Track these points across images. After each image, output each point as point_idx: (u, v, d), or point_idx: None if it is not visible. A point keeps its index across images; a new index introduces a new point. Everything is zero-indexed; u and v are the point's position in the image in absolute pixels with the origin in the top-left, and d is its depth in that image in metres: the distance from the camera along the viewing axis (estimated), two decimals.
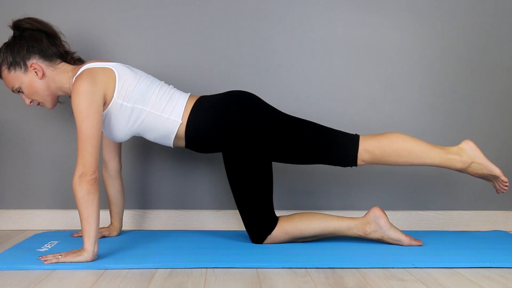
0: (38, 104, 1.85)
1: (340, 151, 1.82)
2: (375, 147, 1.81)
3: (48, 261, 1.61)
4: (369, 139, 1.83)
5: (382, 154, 1.81)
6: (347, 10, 2.19)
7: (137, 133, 1.84)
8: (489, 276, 1.55)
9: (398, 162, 1.83)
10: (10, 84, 1.81)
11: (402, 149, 1.81)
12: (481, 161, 1.82)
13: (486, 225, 2.23)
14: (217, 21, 2.16)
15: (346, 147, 1.82)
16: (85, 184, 1.62)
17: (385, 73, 2.21)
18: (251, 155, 1.80)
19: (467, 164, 1.82)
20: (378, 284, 1.47)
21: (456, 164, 1.83)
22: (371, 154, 1.82)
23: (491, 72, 2.23)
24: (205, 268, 1.60)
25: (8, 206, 2.17)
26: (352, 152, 1.82)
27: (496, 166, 1.83)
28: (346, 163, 1.85)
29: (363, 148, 1.82)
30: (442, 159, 1.82)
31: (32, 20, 1.81)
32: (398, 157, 1.81)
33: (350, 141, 1.83)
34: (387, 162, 1.83)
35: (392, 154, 1.81)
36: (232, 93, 1.88)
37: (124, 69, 1.80)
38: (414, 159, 1.82)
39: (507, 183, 1.84)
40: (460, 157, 1.82)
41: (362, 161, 1.83)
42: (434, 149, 1.82)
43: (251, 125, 1.79)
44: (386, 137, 1.83)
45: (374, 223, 1.83)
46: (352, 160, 1.83)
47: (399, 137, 1.83)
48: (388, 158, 1.82)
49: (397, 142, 1.81)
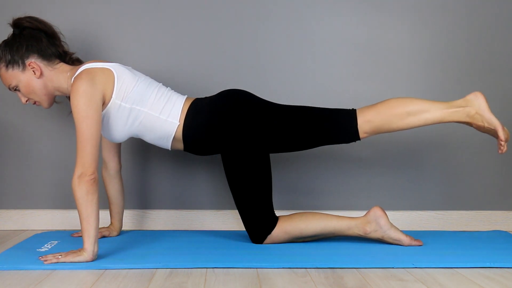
0: (34, 103, 1.85)
1: (340, 127, 1.80)
2: (374, 115, 1.78)
3: (48, 261, 1.61)
4: (366, 110, 1.81)
5: (383, 120, 1.78)
6: (347, 10, 2.19)
7: (135, 134, 1.84)
8: (489, 276, 1.55)
9: (400, 126, 1.79)
10: (7, 82, 1.81)
11: (402, 111, 1.77)
12: (482, 112, 1.76)
13: (486, 225, 2.23)
14: (216, 22, 2.16)
15: (345, 122, 1.80)
16: (84, 184, 1.62)
17: (385, 73, 2.21)
18: (250, 151, 1.80)
19: (471, 114, 1.77)
20: (378, 284, 1.47)
21: (460, 116, 1.78)
22: (371, 124, 1.79)
23: (492, 71, 2.23)
24: (205, 268, 1.60)
25: (8, 206, 2.17)
26: (352, 125, 1.79)
27: (497, 121, 1.75)
28: (348, 139, 1.83)
29: (362, 120, 1.79)
30: (445, 113, 1.77)
31: (32, 19, 1.81)
32: (400, 120, 1.78)
33: (347, 116, 1.81)
34: (390, 129, 1.80)
35: (392, 119, 1.78)
36: (224, 92, 1.88)
37: (123, 70, 1.80)
38: (416, 119, 1.78)
39: (503, 141, 1.76)
40: (463, 108, 1.77)
41: (364, 133, 1.81)
42: (436, 104, 1.78)
43: (246, 119, 1.80)
44: (383, 103, 1.80)
45: (374, 222, 1.83)
46: (354, 134, 1.81)
47: (397, 100, 1.80)
48: (389, 124, 1.78)
49: (395, 105, 1.78)
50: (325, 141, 1.84)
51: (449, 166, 2.23)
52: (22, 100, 1.84)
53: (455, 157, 2.23)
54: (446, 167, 2.23)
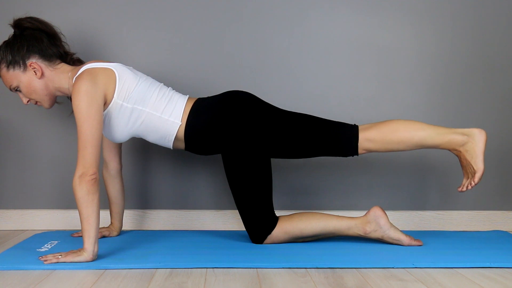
0: (35, 104, 1.85)
1: (341, 141, 1.82)
2: (375, 135, 1.80)
3: (48, 261, 1.61)
4: (369, 128, 1.82)
5: (383, 142, 1.80)
6: (347, 10, 2.19)
7: (137, 134, 1.84)
8: (489, 276, 1.55)
9: (399, 149, 1.81)
10: (8, 82, 1.81)
11: (404, 136, 1.79)
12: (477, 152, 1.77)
13: (486, 225, 2.23)
14: (217, 23, 2.16)
15: (346, 137, 1.81)
16: (85, 184, 1.62)
17: (385, 73, 2.21)
18: (250, 153, 1.80)
19: (466, 148, 1.78)
20: (378, 284, 1.47)
21: (457, 145, 1.78)
22: (371, 143, 1.81)
23: (491, 71, 2.23)
24: (205, 268, 1.60)
25: (8, 206, 2.17)
26: (352, 141, 1.81)
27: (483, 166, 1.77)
28: (346, 153, 1.84)
29: (363, 137, 1.81)
30: (444, 141, 1.78)
31: (33, 19, 1.81)
32: (400, 144, 1.80)
33: (349, 131, 1.82)
34: (388, 150, 1.82)
35: (393, 142, 1.80)
36: (228, 93, 1.88)
37: (124, 70, 1.80)
38: (415, 145, 1.80)
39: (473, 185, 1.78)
40: (463, 138, 1.78)
41: (362, 150, 1.83)
42: (438, 130, 1.79)
43: (249, 122, 1.80)
44: (387, 125, 1.82)
45: (374, 222, 1.83)
46: (353, 149, 1.82)
47: (400, 124, 1.81)
48: (389, 146, 1.80)
49: (398, 129, 1.80)
50: (323, 152, 1.86)
51: (449, 166, 2.23)
52: (24, 101, 1.84)
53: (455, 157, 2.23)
54: (446, 167, 2.23)
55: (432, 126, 1.82)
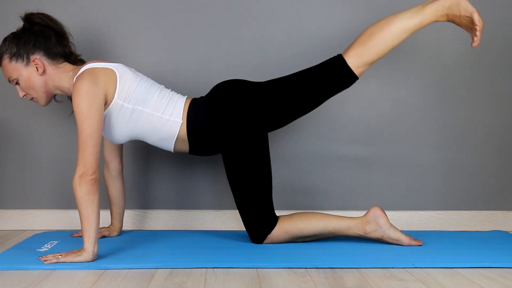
0: (31, 99, 1.85)
1: (335, 75, 1.81)
2: (360, 49, 1.78)
3: (48, 261, 1.61)
4: (350, 48, 1.80)
5: (370, 49, 1.78)
6: (347, 10, 2.19)
7: (138, 136, 1.84)
8: (489, 276, 1.55)
9: (389, 46, 1.78)
10: (8, 73, 1.81)
11: (385, 34, 1.77)
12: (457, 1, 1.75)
13: (486, 225, 2.23)
14: (217, 24, 2.16)
15: (336, 68, 1.80)
16: (85, 184, 1.62)
17: (385, 73, 2.21)
18: (255, 141, 1.80)
19: (447, 5, 1.75)
20: (378, 284, 1.47)
21: (438, 11, 1.76)
22: (361, 57, 1.78)
23: (491, 70, 2.23)
24: (205, 268, 1.60)
25: (8, 206, 2.17)
26: (343, 68, 1.79)
27: (473, 7, 1.74)
28: (347, 81, 1.83)
29: (351, 58, 1.79)
30: (424, 15, 1.76)
31: (44, 16, 1.82)
32: (386, 42, 1.77)
33: (335, 61, 1.81)
34: (380, 54, 1.79)
35: (379, 44, 1.77)
36: (218, 86, 1.89)
37: (125, 70, 1.80)
38: (401, 35, 1.77)
39: (478, 26, 1.74)
40: (438, 1, 1.76)
41: (358, 69, 1.80)
42: (411, 11, 1.78)
43: (248, 101, 1.80)
44: (364, 34, 1.80)
45: (374, 222, 1.83)
46: (349, 74, 1.80)
47: (375, 26, 1.79)
48: (378, 50, 1.78)
49: (376, 31, 1.78)
50: (327, 93, 1.84)
51: (449, 166, 2.23)
52: (20, 94, 1.84)
53: (455, 157, 2.23)
54: (446, 167, 2.23)
55: (406, 10, 1.79)
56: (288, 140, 2.20)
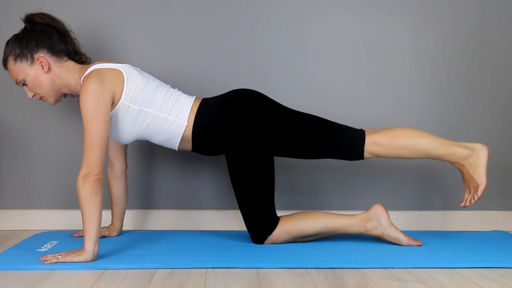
0: (40, 99, 1.86)
1: (348, 144, 1.83)
2: (382, 140, 1.82)
3: (48, 261, 1.61)
4: (375, 132, 1.84)
5: (390, 147, 1.81)
6: (347, 10, 2.19)
7: (143, 136, 1.84)
8: (489, 276, 1.55)
9: (404, 156, 1.83)
10: (15, 75, 1.81)
11: (410, 143, 1.80)
12: (480, 166, 1.79)
13: (486, 225, 2.23)
14: (222, 24, 2.16)
15: (353, 140, 1.83)
16: (88, 184, 1.62)
17: (385, 72, 2.21)
18: (255, 153, 1.80)
19: (469, 161, 1.80)
20: (378, 284, 1.47)
21: (458, 158, 1.81)
22: (378, 147, 1.82)
23: (492, 72, 2.23)
24: (205, 268, 1.60)
25: (8, 206, 2.17)
26: (359, 144, 1.82)
27: (486, 180, 1.79)
28: (352, 157, 1.85)
29: (370, 141, 1.82)
30: (447, 153, 1.81)
31: (45, 15, 1.82)
32: (405, 151, 1.81)
33: (356, 134, 1.84)
34: (393, 156, 1.83)
35: (399, 148, 1.81)
36: (236, 91, 1.88)
37: (132, 71, 1.80)
38: (420, 154, 1.82)
39: (477, 198, 1.81)
40: (466, 152, 1.80)
41: (369, 154, 1.83)
42: (442, 141, 1.82)
43: (258, 120, 1.80)
44: (394, 131, 1.84)
45: (375, 220, 1.83)
46: (359, 153, 1.83)
47: (407, 131, 1.83)
48: (395, 152, 1.82)
49: (405, 136, 1.81)
50: (330, 154, 1.87)
51: (449, 166, 2.22)
52: (29, 95, 1.84)
53: None
54: (446, 167, 2.23)
55: (438, 137, 1.84)
56: None
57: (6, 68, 1.83)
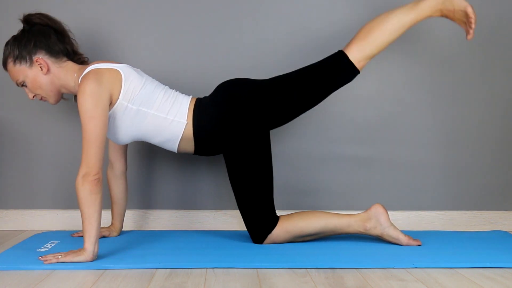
0: (41, 99, 1.86)
1: (336, 69, 1.84)
2: (360, 44, 1.83)
3: (48, 261, 1.61)
4: (350, 43, 1.84)
5: (370, 44, 1.82)
6: (347, 9, 2.19)
7: (141, 137, 1.84)
8: (489, 276, 1.55)
9: (388, 41, 1.84)
10: (15, 77, 1.81)
11: (383, 30, 1.82)
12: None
13: (486, 225, 2.23)
14: (221, 24, 2.16)
15: (338, 63, 1.84)
16: (88, 184, 1.62)
17: (385, 72, 2.21)
18: (260, 131, 1.81)
19: (440, 0, 1.81)
20: (378, 284, 1.47)
21: (432, 6, 1.82)
22: (362, 52, 1.82)
23: (492, 70, 2.23)
24: (205, 268, 1.60)
25: (8, 206, 2.17)
26: (345, 62, 1.83)
27: (465, 1, 1.80)
28: (349, 76, 1.86)
29: (352, 53, 1.82)
30: (418, 11, 1.81)
31: (42, 15, 1.82)
32: (384, 37, 1.82)
33: (337, 57, 1.84)
34: (380, 48, 1.84)
35: (377, 39, 1.82)
36: (223, 84, 1.90)
37: (130, 71, 1.80)
38: (398, 30, 1.82)
39: (473, 19, 1.80)
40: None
41: (359, 63, 1.83)
42: (406, 8, 1.82)
43: (253, 98, 1.81)
44: (363, 30, 1.84)
45: (374, 219, 1.83)
46: (351, 68, 1.84)
47: (373, 22, 1.84)
48: (377, 44, 1.83)
49: (375, 27, 1.82)
50: (329, 88, 1.86)
51: (449, 166, 2.23)
52: (29, 96, 1.84)
53: (455, 157, 2.23)
54: (446, 167, 2.23)
55: (401, 6, 1.84)
56: (288, 140, 2.20)
57: (6, 70, 1.83)
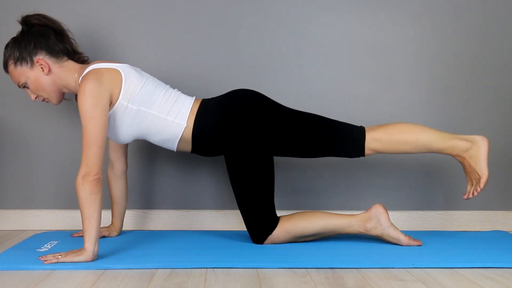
0: (43, 100, 1.86)
1: (348, 142, 1.84)
2: (382, 136, 1.83)
3: (48, 261, 1.61)
4: (376, 129, 1.85)
5: (390, 143, 1.83)
6: (347, 9, 2.19)
7: (141, 136, 1.84)
8: (489, 276, 1.55)
9: (405, 151, 1.84)
10: (16, 79, 1.81)
11: (410, 138, 1.82)
12: (480, 158, 1.80)
13: (486, 225, 2.23)
14: (223, 25, 2.17)
15: (353, 137, 1.84)
16: (88, 184, 1.62)
17: (385, 72, 2.21)
18: (257, 151, 1.80)
19: (469, 154, 1.81)
20: (378, 284, 1.47)
21: (460, 151, 1.82)
22: (379, 143, 1.83)
23: (492, 71, 2.23)
24: (205, 268, 1.60)
25: (8, 206, 2.17)
26: (359, 141, 1.83)
27: (487, 171, 1.80)
28: (353, 154, 1.86)
29: (370, 137, 1.83)
30: (448, 146, 1.82)
31: (41, 16, 1.82)
32: (406, 146, 1.83)
33: (357, 131, 1.85)
34: (394, 151, 1.85)
35: (400, 143, 1.82)
36: (236, 92, 1.89)
37: (131, 71, 1.80)
38: (421, 148, 1.83)
39: (479, 190, 1.82)
40: (466, 144, 1.81)
41: (369, 150, 1.84)
42: (442, 134, 1.83)
43: (257, 120, 1.80)
44: (394, 126, 1.85)
45: (375, 219, 1.83)
46: (359, 150, 1.84)
47: (407, 126, 1.84)
48: (396, 147, 1.83)
49: (405, 131, 1.83)
50: (331, 152, 1.87)
51: (449, 166, 2.23)
52: (32, 97, 1.84)
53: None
54: (446, 167, 2.23)
55: (438, 130, 1.85)
56: None
57: (7, 72, 1.83)
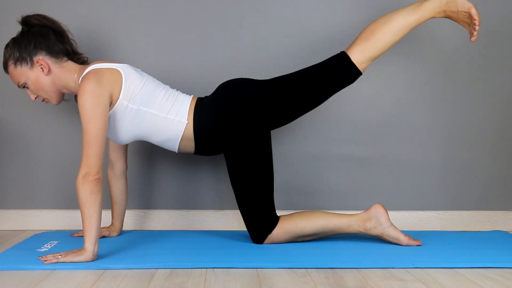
0: (43, 101, 1.86)
1: (339, 70, 1.85)
2: (362, 45, 1.83)
3: (48, 261, 1.61)
4: (353, 44, 1.85)
5: (372, 46, 1.83)
6: (347, 9, 2.19)
7: (141, 137, 1.84)
8: (489, 276, 1.55)
9: (391, 42, 1.84)
10: (16, 79, 1.81)
11: (386, 31, 1.82)
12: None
13: (486, 225, 2.23)
14: (222, 24, 2.17)
15: (340, 64, 1.84)
16: (88, 184, 1.62)
17: (385, 72, 2.21)
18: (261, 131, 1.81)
19: (444, 2, 1.81)
20: (378, 284, 1.47)
21: (435, 8, 1.81)
22: (364, 53, 1.83)
23: (492, 71, 2.23)
24: (205, 268, 1.60)
25: (9, 206, 2.17)
26: (347, 63, 1.83)
27: (469, 2, 1.80)
28: (351, 77, 1.87)
29: (354, 54, 1.83)
30: (422, 12, 1.82)
31: (41, 16, 1.82)
32: (387, 38, 1.83)
33: (339, 58, 1.85)
34: (383, 49, 1.84)
35: (380, 41, 1.82)
36: (224, 84, 1.90)
37: (131, 71, 1.80)
38: (401, 31, 1.83)
39: (477, 21, 1.79)
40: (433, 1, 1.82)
41: (362, 64, 1.84)
42: (410, 8, 1.83)
43: (255, 98, 1.82)
44: (366, 31, 1.85)
45: (374, 219, 1.83)
46: (353, 70, 1.84)
47: (376, 23, 1.84)
48: (380, 46, 1.83)
49: (378, 28, 1.83)
50: (331, 89, 1.87)
51: (449, 166, 2.23)
52: (31, 98, 1.84)
53: (455, 157, 2.23)
54: (446, 167, 2.23)
55: (405, 8, 1.85)
56: (288, 141, 2.20)
57: (7, 72, 1.83)
